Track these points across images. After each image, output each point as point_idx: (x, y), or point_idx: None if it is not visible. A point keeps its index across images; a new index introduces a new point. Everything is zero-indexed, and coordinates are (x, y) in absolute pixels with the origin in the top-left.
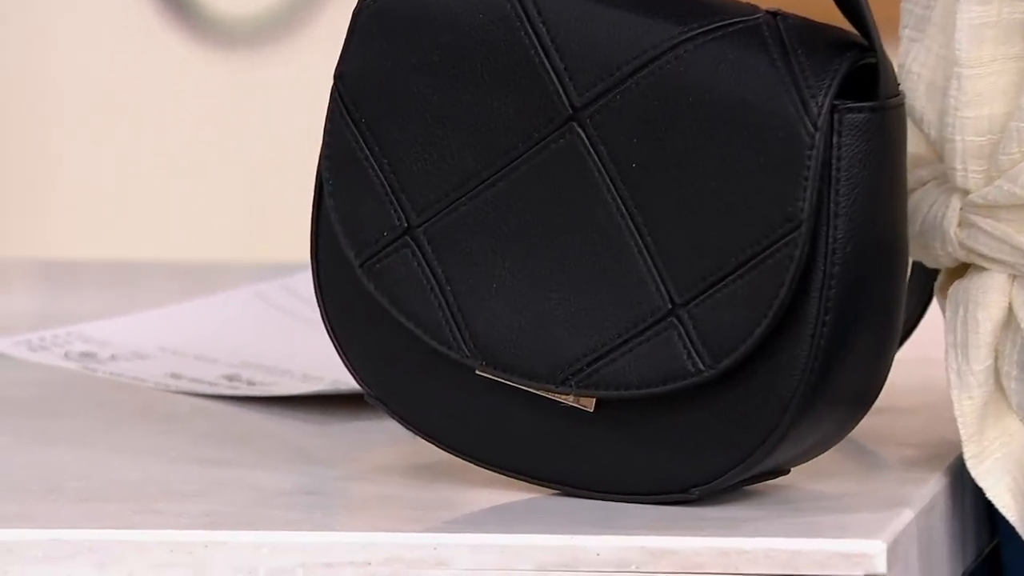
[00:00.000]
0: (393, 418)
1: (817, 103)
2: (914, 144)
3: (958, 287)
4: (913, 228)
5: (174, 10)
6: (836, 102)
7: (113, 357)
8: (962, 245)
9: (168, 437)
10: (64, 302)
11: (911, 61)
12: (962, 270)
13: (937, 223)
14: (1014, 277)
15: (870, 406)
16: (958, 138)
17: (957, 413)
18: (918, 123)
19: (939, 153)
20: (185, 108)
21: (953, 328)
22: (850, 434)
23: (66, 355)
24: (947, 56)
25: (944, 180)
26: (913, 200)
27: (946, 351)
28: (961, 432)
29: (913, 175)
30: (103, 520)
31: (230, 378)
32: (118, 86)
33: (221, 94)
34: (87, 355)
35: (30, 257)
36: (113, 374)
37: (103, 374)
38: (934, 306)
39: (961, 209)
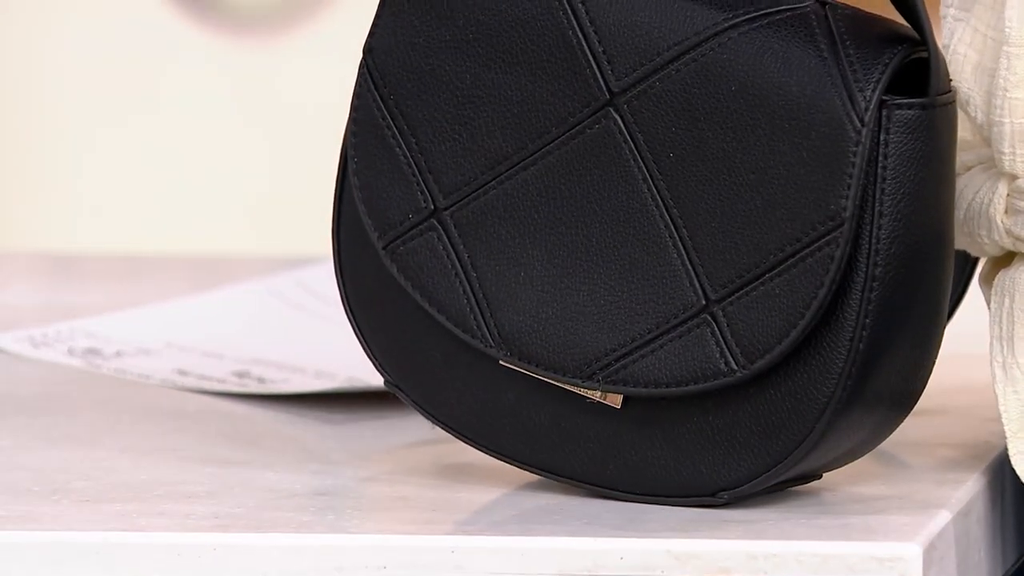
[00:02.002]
0: (410, 405)
1: (865, 98)
2: (958, 128)
3: (1004, 277)
4: (957, 216)
5: None
6: (885, 97)
7: (118, 353)
8: (1009, 233)
9: (175, 436)
10: (68, 296)
11: (956, 42)
12: (1008, 259)
13: (983, 210)
14: None
15: (909, 412)
16: (1007, 120)
17: (1001, 408)
18: (964, 106)
19: (986, 137)
20: (193, 97)
21: (998, 320)
22: None
23: (69, 351)
24: (995, 36)
25: (990, 165)
26: (958, 186)
27: (990, 344)
28: (1005, 428)
29: (957, 160)
30: (108, 522)
31: (239, 375)
32: (122, 75)
33: (230, 82)
34: (91, 351)
35: (32, 249)
36: (118, 371)
37: (108, 371)
38: (968, 300)
39: (1008, 195)
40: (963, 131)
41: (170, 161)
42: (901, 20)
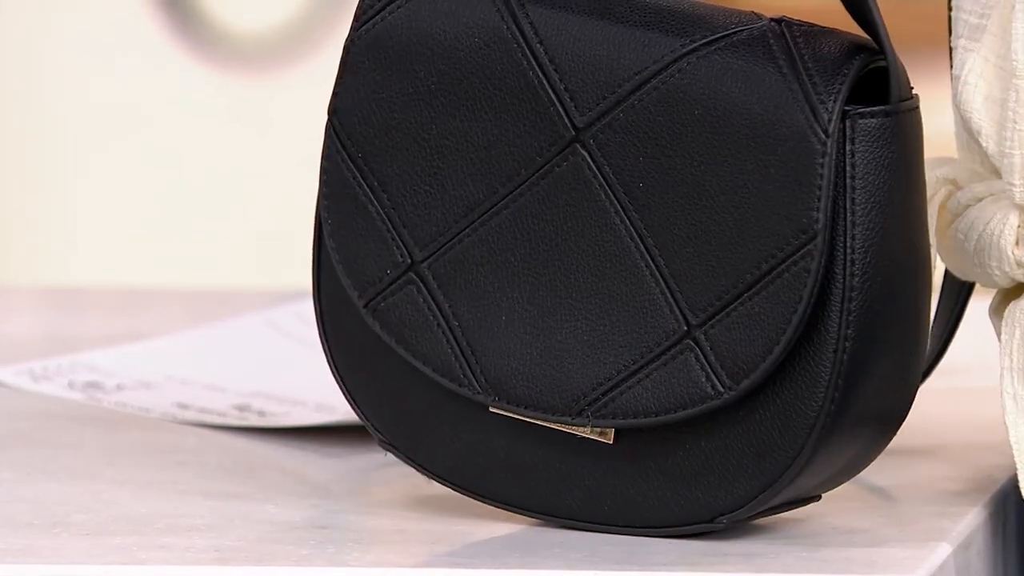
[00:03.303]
0: (407, 463)
1: (827, 109)
2: (970, 159)
3: (1014, 308)
4: (968, 246)
5: (184, 30)
6: (847, 108)
7: (119, 387)
8: (1020, 264)
9: (176, 469)
10: (68, 328)
11: (967, 72)
12: (1018, 290)
13: (994, 241)
14: None
15: (899, 426)
16: (1017, 152)
17: (1012, 440)
18: (976, 136)
19: (997, 167)
20: (193, 131)
21: (1009, 351)
22: (882, 466)
23: (70, 385)
24: (1005, 66)
25: (1001, 196)
26: (968, 217)
27: (1001, 376)
28: (1016, 460)
29: (969, 192)
30: (108, 555)
31: (240, 408)
32: (122, 109)
33: (230, 115)
34: (92, 385)
35: (32, 282)
36: (119, 404)
37: (108, 404)
38: (969, 335)
39: (1019, 226)
40: (973, 162)
41: (170, 194)
42: (858, 31)
